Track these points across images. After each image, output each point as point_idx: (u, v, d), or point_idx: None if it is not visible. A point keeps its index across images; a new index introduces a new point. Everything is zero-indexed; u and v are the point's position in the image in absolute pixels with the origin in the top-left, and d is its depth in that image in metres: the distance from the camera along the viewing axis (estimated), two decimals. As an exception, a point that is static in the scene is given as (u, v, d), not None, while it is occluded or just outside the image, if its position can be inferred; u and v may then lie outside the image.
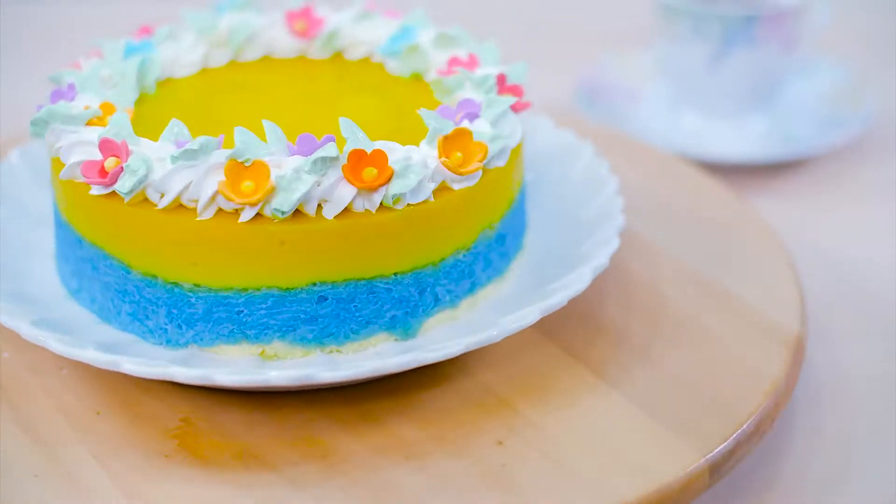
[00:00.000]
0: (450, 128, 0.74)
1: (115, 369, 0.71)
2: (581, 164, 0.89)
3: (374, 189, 0.72)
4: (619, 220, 0.82)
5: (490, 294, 0.79)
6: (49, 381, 0.78)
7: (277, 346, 0.74)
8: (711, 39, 1.08)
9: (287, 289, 0.73)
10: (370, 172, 0.71)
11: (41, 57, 1.08)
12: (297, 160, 0.72)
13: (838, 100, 1.14)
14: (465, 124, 0.76)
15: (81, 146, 0.76)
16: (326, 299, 0.74)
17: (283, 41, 0.89)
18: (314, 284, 0.73)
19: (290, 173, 0.71)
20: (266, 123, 0.73)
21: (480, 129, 0.76)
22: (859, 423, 0.81)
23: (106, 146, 0.74)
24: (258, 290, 0.73)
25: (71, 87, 0.80)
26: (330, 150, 0.71)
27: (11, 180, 0.88)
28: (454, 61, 0.82)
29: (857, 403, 0.83)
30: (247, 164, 0.71)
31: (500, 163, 0.77)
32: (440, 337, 0.76)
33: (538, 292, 0.78)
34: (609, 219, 0.82)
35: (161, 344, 0.75)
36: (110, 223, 0.75)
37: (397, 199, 0.72)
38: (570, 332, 0.81)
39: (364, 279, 0.74)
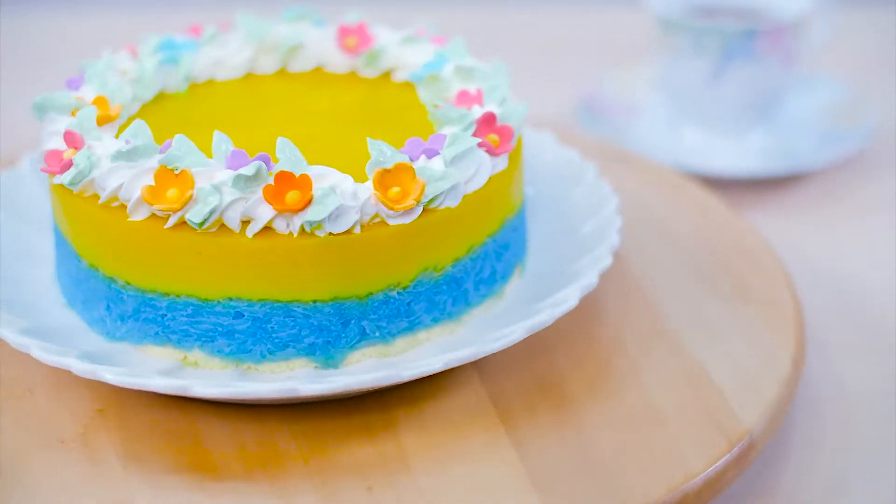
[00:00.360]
0: (391, 161, 0.73)
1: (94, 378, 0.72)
2: (584, 182, 0.89)
3: (294, 212, 0.71)
4: (613, 240, 0.81)
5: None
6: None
7: (197, 354, 0.75)
8: (711, 54, 1.09)
9: (205, 300, 0.74)
10: (293, 195, 0.71)
11: (63, 62, 1.08)
12: (227, 174, 0.72)
13: (838, 115, 1.14)
14: (420, 160, 0.74)
15: (56, 137, 0.78)
16: (243, 316, 0.74)
17: (334, 56, 0.88)
18: (230, 299, 0.74)
19: (209, 187, 0.71)
20: (216, 135, 0.74)
21: (434, 166, 0.74)
22: (857, 439, 0.81)
23: (69, 138, 0.76)
24: (178, 296, 0.74)
25: (81, 77, 0.83)
26: (250, 168, 0.71)
27: (22, 187, 0.89)
28: (463, 94, 0.81)
29: (855, 419, 0.83)
30: (176, 172, 0.72)
31: (452, 203, 0.74)
32: (416, 356, 0.76)
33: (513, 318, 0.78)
34: (603, 239, 0.82)
35: (102, 335, 0.77)
36: (67, 214, 0.77)
37: (317, 226, 0.71)
38: (519, 370, 0.79)
39: (281, 301, 0.74)
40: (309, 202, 0.71)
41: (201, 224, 0.71)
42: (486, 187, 0.76)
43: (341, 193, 0.72)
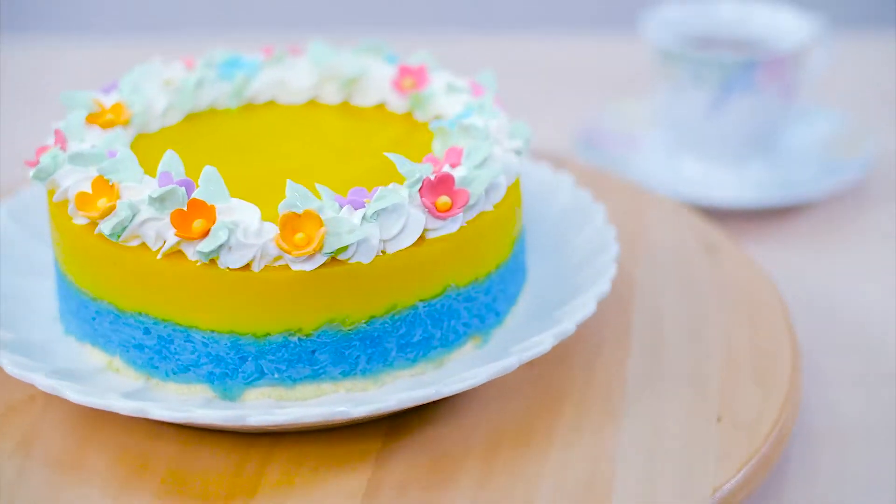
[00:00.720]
0: (302, 206, 0.72)
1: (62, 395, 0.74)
2: (591, 225, 0.89)
3: (194, 240, 0.72)
4: (605, 287, 0.81)
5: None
6: None
7: (118, 361, 0.77)
8: (710, 86, 1.09)
9: (121, 310, 0.76)
10: (199, 224, 0.72)
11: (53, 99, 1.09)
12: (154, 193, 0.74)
13: (837, 146, 1.15)
14: (344, 210, 0.73)
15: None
16: (150, 332, 0.75)
17: (392, 95, 0.88)
18: (140, 314, 0.75)
19: (128, 202, 0.73)
20: (166, 154, 0.75)
21: (350, 217, 0.73)
22: (854, 469, 0.81)
23: (57, 135, 0.80)
24: (102, 300, 0.76)
25: (114, 83, 0.86)
26: (159, 191, 0.73)
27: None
28: (451, 151, 0.78)
29: (852, 449, 0.83)
30: (110, 183, 0.75)
31: (364, 258, 0.73)
32: (401, 387, 0.76)
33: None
34: (593, 286, 0.81)
35: (64, 329, 0.81)
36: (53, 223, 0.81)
37: (214, 257, 0.72)
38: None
39: (181, 325, 0.74)
40: (204, 232, 0.72)
41: (114, 235, 0.74)
42: (417, 248, 0.74)
43: (242, 229, 0.72)
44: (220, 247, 0.71)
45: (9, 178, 1.05)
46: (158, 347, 0.75)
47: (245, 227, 0.72)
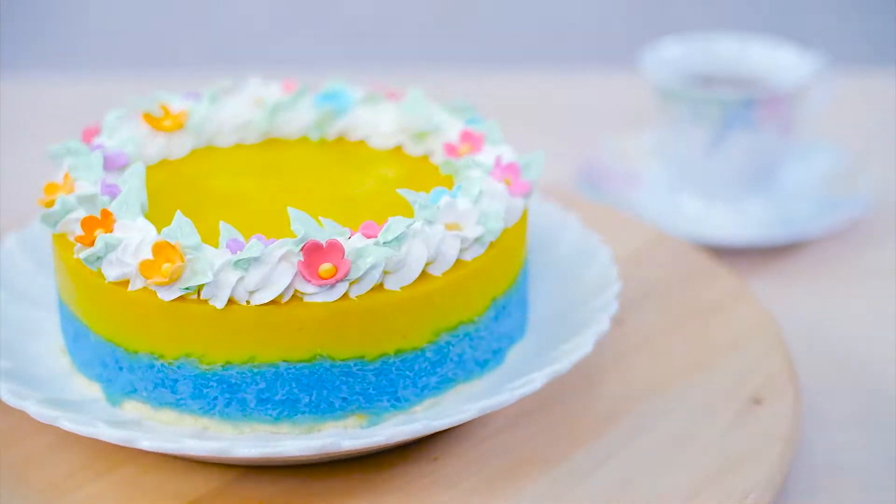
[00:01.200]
0: (172, 238, 0.73)
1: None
2: (597, 264, 0.88)
3: (85, 246, 0.75)
4: (604, 325, 0.80)
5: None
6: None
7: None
8: (710, 123, 1.09)
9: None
10: (99, 232, 0.75)
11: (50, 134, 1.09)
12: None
13: (836, 183, 1.15)
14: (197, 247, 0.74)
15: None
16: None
17: (439, 154, 0.87)
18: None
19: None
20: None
21: (214, 256, 0.73)
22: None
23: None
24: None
25: (197, 93, 0.89)
26: (84, 192, 0.76)
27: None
28: (369, 224, 0.76)
29: (851, 489, 0.82)
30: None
31: (218, 303, 0.73)
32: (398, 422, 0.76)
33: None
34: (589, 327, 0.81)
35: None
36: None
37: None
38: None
39: (83, 325, 0.78)
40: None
41: (51, 223, 0.78)
42: (279, 307, 0.73)
43: (123, 247, 0.74)
44: (99, 258, 0.74)
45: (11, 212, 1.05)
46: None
47: (126, 245, 0.74)
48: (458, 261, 0.76)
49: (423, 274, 0.75)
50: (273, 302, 0.72)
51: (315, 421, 0.75)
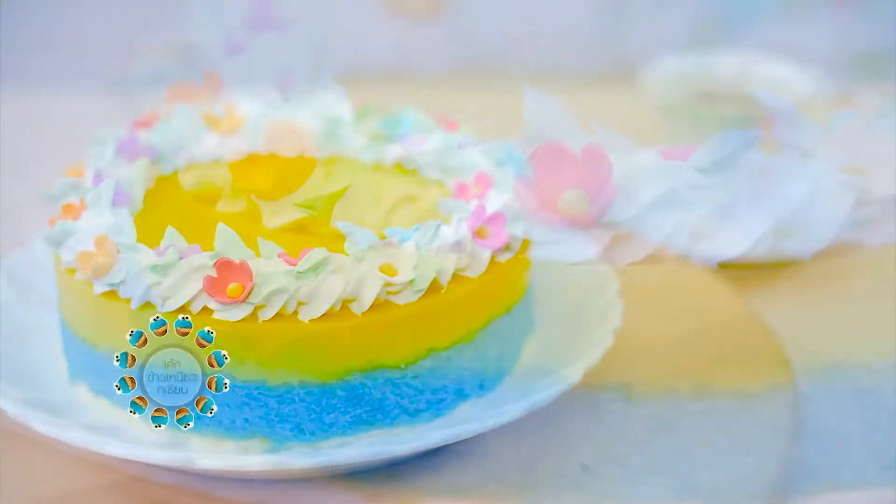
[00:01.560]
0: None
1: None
2: (603, 296, 0.89)
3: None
4: (591, 358, 0.81)
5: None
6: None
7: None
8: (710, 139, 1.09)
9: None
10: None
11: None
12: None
13: (837, 198, 1.14)
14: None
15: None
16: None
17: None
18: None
19: (59, 224, 0.77)
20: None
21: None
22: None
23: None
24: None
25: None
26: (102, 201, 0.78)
27: None
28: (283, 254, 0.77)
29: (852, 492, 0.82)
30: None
31: (172, 305, 0.74)
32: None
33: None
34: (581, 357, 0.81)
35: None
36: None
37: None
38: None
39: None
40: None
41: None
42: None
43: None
44: (59, 244, 0.77)
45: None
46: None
47: (78, 235, 0.76)
48: (388, 302, 0.75)
49: (344, 310, 0.74)
50: (181, 310, 0.73)
51: (219, 436, 0.75)
